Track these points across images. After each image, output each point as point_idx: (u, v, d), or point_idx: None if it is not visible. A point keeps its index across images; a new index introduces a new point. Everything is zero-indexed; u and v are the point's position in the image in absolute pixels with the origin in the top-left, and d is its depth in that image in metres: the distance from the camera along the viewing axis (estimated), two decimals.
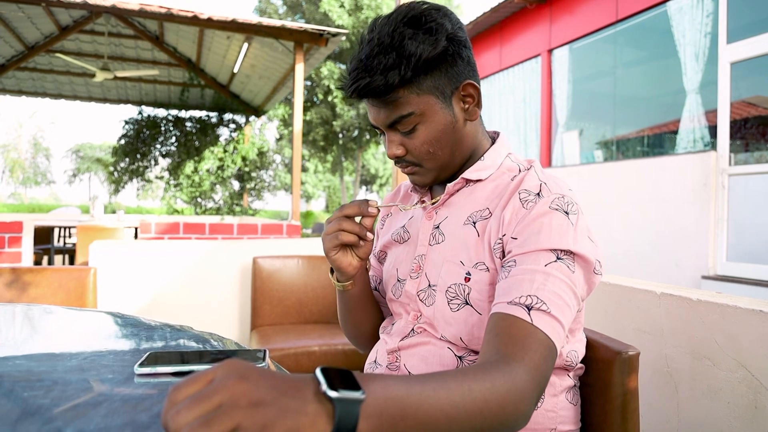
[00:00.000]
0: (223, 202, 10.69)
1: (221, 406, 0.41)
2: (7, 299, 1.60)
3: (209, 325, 2.54)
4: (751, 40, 4.35)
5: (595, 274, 0.79)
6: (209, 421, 0.40)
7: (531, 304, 0.71)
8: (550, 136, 7.03)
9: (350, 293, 0.96)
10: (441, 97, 0.83)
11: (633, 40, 6.00)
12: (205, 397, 0.42)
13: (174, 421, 0.41)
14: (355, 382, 0.48)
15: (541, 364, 0.68)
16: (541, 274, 0.74)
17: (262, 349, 0.77)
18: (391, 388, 0.51)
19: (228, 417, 0.41)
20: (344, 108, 17.97)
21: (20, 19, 6.94)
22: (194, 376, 0.45)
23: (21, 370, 0.72)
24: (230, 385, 0.43)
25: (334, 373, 0.48)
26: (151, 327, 0.99)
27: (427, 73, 0.81)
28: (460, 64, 0.84)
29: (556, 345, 0.71)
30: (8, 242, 2.94)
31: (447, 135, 0.85)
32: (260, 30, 6.13)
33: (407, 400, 0.51)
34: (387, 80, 0.78)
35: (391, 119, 0.84)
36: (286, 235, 4.11)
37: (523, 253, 0.76)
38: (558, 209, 0.78)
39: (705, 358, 1.21)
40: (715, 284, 4.25)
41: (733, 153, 4.47)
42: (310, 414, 0.44)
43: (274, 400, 0.43)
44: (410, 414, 0.51)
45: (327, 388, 0.45)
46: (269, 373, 0.47)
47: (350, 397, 0.46)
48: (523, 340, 0.68)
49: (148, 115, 10.56)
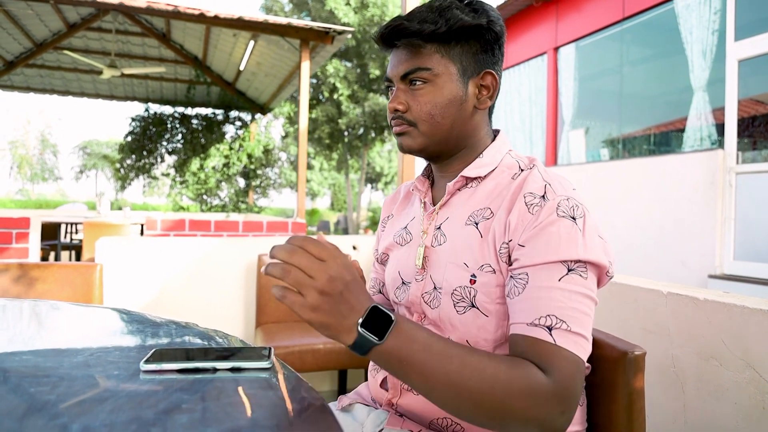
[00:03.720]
0: (228, 199, 10.72)
1: (311, 278, 0.62)
2: (15, 294, 1.61)
3: (214, 322, 2.55)
4: (759, 37, 4.31)
5: (606, 276, 0.80)
6: (294, 275, 0.62)
7: (552, 324, 0.72)
8: (556, 134, 7.00)
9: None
10: (461, 70, 0.86)
11: (640, 38, 5.97)
12: (311, 265, 0.63)
13: (279, 253, 0.63)
14: (384, 330, 0.66)
15: (569, 381, 0.70)
16: (557, 291, 0.74)
17: (267, 347, 0.77)
18: (405, 345, 0.67)
19: (304, 287, 0.62)
20: (350, 106, 17.95)
21: (29, 17, 6.98)
22: (323, 246, 0.65)
23: (28, 365, 0.72)
24: (327, 276, 0.63)
25: (377, 315, 0.66)
26: (156, 323, 0.99)
27: (458, 41, 0.85)
28: (489, 52, 0.88)
29: (582, 358, 0.73)
30: (16, 238, 2.95)
31: (452, 107, 0.86)
32: (266, 28, 6.14)
33: (411, 358, 0.67)
34: (421, 28, 0.83)
35: (408, 68, 0.86)
36: (292, 232, 4.11)
37: (533, 265, 0.76)
38: (565, 216, 0.77)
39: (712, 358, 1.21)
40: (722, 283, 4.23)
41: (741, 151, 4.44)
42: (344, 329, 0.65)
43: (335, 303, 0.64)
44: (411, 365, 0.67)
45: (360, 323, 0.65)
46: (353, 286, 0.66)
47: (368, 338, 0.65)
48: (549, 359, 0.71)
49: (154, 112, 10.61)
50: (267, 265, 0.63)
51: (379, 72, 17.58)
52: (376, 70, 17.46)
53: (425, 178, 0.99)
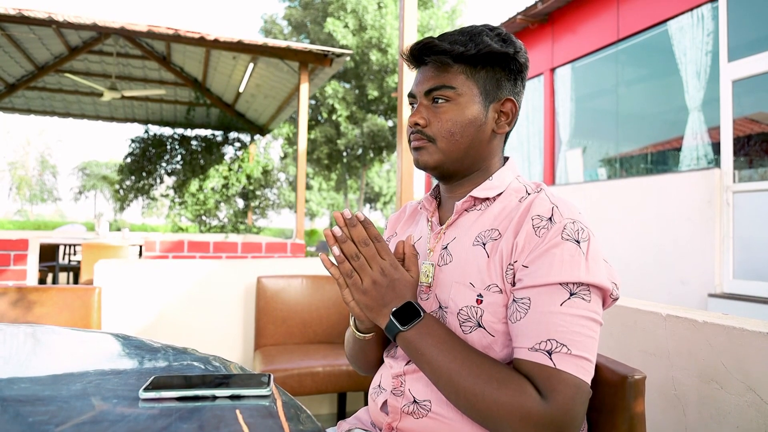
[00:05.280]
0: (227, 220, 10.72)
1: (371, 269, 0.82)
2: (12, 318, 1.61)
3: (213, 345, 2.53)
4: (751, 58, 4.38)
5: (611, 298, 0.81)
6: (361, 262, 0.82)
7: (552, 348, 0.74)
8: (553, 154, 7.05)
9: (367, 339, 0.96)
10: (483, 94, 0.89)
11: (634, 59, 6.05)
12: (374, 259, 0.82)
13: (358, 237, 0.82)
14: (410, 321, 0.81)
15: (567, 404, 0.71)
16: (559, 315, 0.75)
17: (267, 374, 0.77)
18: (423, 337, 0.80)
19: (364, 273, 0.82)
20: (348, 127, 18.08)
21: (31, 41, 7.06)
22: (385, 248, 0.84)
23: (26, 393, 0.72)
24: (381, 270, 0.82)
25: (410, 308, 0.82)
26: (154, 349, 0.99)
27: (485, 65, 0.89)
28: (512, 81, 0.91)
29: (584, 380, 0.74)
30: (14, 260, 2.95)
31: (471, 128, 0.89)
32: (266, 50, 6.21)
33: (425, 350, 0.80)
34: (451, 48, 0.87)
35: (434, 85, 0.89)
36: (290, 253, 4.11)
37: (534, 286, 0.77)
38: (569, 239, 0.78)
39: (712, 381, 1.20)
40: (721, 302, 4.21)
41: (737, 170, 4.47)
42: (381, 313, 0.83)
43: (381, 292, 0.82)
44: (423, 355, 0.80)
45: (392, 311, 0.82)
46: (398, 284, 0.83)
47: (396, 325, 0.81)
48: (548, 383, 0.72)
49: (154, 133, 10.67)
50: (342, 242, 0.81)
51: (377, 93, 17.74)
52: (374, 91, 17.63)
53: (433, 198, 1.01)
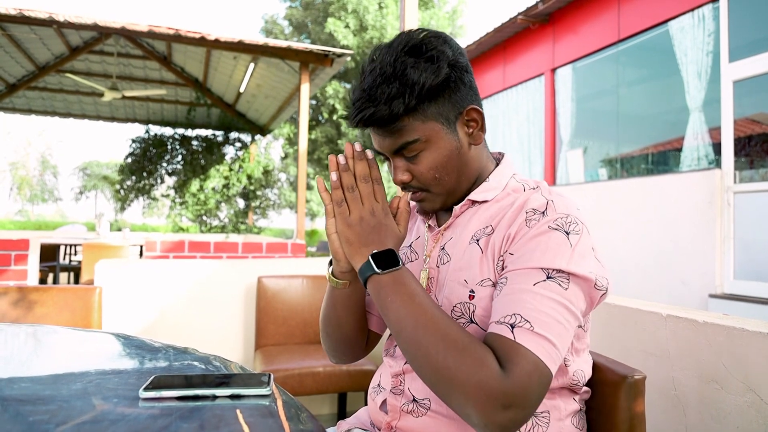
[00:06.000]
0: (228, 220, 10.73)
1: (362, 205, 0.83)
2: (13, 318, 1.61)
3: (214, 345, 2.53)
4: (752, 58, 4.37)
5: (597, 290, 0.78)
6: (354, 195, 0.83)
7: (515, 322, 0.72)
8: (554, 154, 7.04)
9: (341, 292, 0.92)
10: (445, 123, 0.84)
11: (635, 59, 6.05)
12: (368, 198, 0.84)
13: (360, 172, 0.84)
14: (387, 266, 0.79)
15: (523, 379, 0.68)
16: (529, 293, 0.74)
17: (267, 374, 0.77)
18: (395, 286, 0.78)
19: (354, 207, 0.83)
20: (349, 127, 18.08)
21: (32, 41, 7.07)
22: (382, 192, 0.86)
23: (27, 393, 0.72)
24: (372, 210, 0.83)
25: (390, 255, 0.80)
26: (155, 348, 0.99)
27: (431, 100, 0.82)
28: (463, 89, 0.85)
29: (544, 362, 0.70)
30: (14, 260, 2.95)
31: (452, 160, 0.86)
32: (266, 51, 6.21)
33: (394, 298, 0.77)
34: (392, 109, 0.80)
35: (397, 146, 0.85)
36: (291, 253, 4.11)
37: (514, 269, 0.77)
38: (558, 229, 0.77)
39: (713, 381, 1.20)
40: (722, 302, 4.21)
41: (738, 170, 4.47)
42: (360, 252, 0.81)
43: (366, 231, 0.82)
44: (393, 303, 0.77)
45: (372, 253, 0.80)
46: (385, 230, 0.83)
47: (371, 267, 0.79)
48: (507, 354, 0.70)
49: (155, 133, 10.68)
50: (343, 171, 0.83)
51: None
52: None
53: None
